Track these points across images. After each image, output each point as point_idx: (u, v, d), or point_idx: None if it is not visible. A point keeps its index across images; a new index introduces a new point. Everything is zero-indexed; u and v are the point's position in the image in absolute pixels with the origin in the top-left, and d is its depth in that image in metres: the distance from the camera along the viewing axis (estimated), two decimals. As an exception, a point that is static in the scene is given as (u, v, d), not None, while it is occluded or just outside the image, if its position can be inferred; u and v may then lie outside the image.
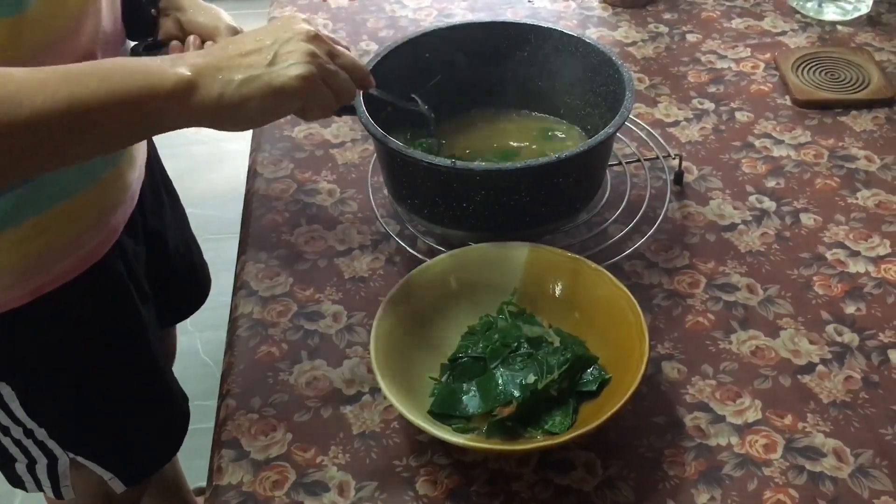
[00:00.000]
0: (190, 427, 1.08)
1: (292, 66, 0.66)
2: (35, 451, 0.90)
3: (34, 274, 0.79)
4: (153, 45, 0.88)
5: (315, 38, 0.69)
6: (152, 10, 0.89)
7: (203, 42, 0.86)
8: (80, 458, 0.91)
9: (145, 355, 0.93)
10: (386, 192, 0.97)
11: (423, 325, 0.78)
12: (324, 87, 0.69)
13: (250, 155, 1.06)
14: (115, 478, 0.95)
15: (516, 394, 0.71)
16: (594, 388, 0.73)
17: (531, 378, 0.72)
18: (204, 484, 1.48)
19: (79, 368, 0.87)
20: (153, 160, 1.02)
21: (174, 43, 0.87)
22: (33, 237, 0.77)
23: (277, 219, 0.96)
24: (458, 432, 0.70)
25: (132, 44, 0.88)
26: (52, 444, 0.89)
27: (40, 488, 0.93)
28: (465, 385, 0.74)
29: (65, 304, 0.82)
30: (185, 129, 0.66)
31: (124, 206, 0.87)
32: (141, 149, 0.91)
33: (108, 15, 0.79)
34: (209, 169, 2.39)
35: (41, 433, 0.88)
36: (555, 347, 0.75)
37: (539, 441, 0.69)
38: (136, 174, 0.89)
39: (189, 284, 1.14)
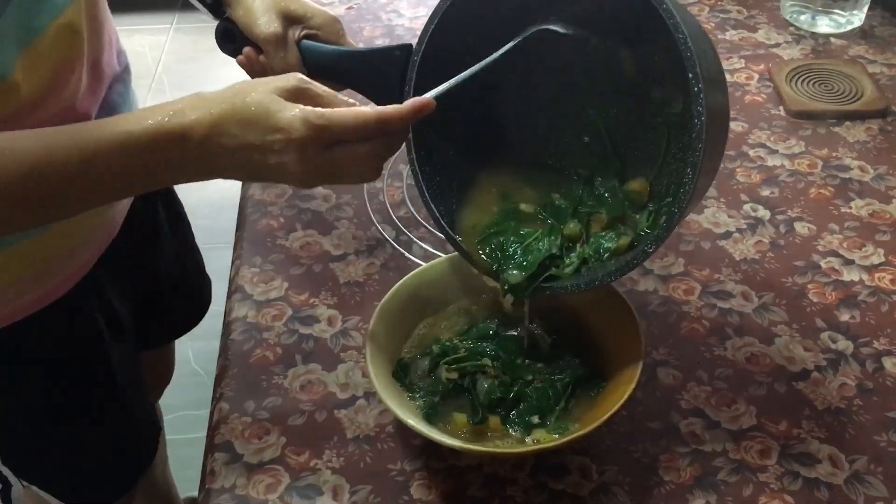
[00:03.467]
0: (180, 437, 1.08)
1: (289, 178, 0.62)
2: None
3: None
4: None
5: (307, 142, 0.60)
6: None
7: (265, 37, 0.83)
8: (33, 487, 0.90)
9: (106, 389, 0.91)
10: (381, 197, 0.98)
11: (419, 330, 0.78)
12: (336, 177, 0.64)
13: (246, 161, 1.06)
14: None
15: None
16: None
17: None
18: (194, 494, 1.48)
19: (34, 399, 0.85)
20: None
21: (247, 50, 0.85)
22: None
23: (273, 223, 0.96)
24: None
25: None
26: (5, 470, 0.88)
27: None
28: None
29: (23, 338, 0.81)
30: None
31: (99, 240, 0.85)
32: None
33: (93, 56, 0.78)
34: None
35: None
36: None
37: (534, 445, 0.69)
38: (120, 206, 0.88)
39: (186, 302, 1.12)
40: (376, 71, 0.81)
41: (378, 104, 0.83)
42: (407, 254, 0.90)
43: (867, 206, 0.96)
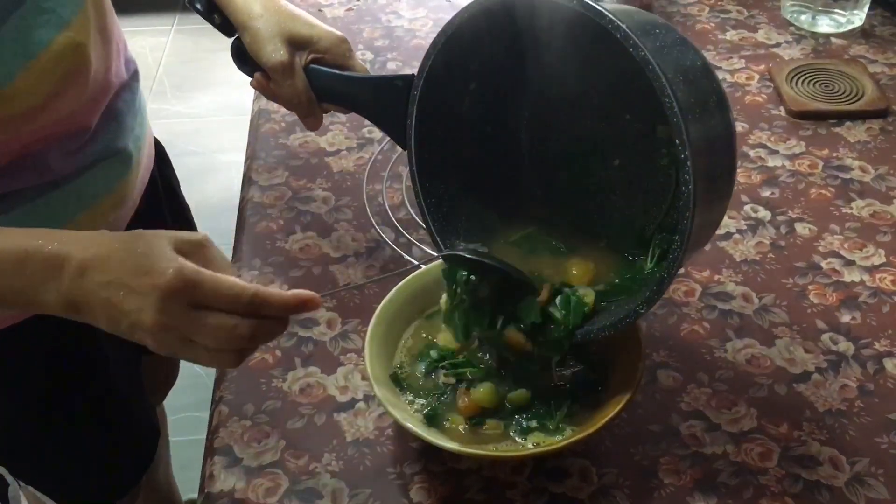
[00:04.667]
0: (182, 439, 1.08)
1: (143, 330, 0.58)
2: None
3: None
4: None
5: (171, 292, 0.56)
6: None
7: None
8: (30, 488, 0.90)
9: (103, 391, 0.91)
10: (381, 199, 0.97)
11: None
12: (191, 345, 0.59)
13: (245, 163, 1.06)
14: None
15: None
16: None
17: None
18: (195, 496, 1.48)
19: (32, 401, 0.85)
20: (157, 183, 1.01)
21: (257, 75, 0.85)
22: None
23: (272, 226, 0.95)
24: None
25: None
26: (2, 470, 0.88)
27: None
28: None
29: (22, 339, 0.81)
30: (177, 139, 0.66)
31: None
32: (134, 185, 0.89)
33: (100, 69, 0.78)
34: (202, 180, 2.39)
35: None
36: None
37: (533, 448, 0.69)
38: (123, 210, 0.87)
39: None
40: (380, 100, 0.81)
41: (386, 132, 0.84)
42: (406, 256, 0.90)
43: (868, 207, 0.95)
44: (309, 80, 0.84)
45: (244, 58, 0.86)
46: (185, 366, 1.27)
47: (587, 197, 0.80)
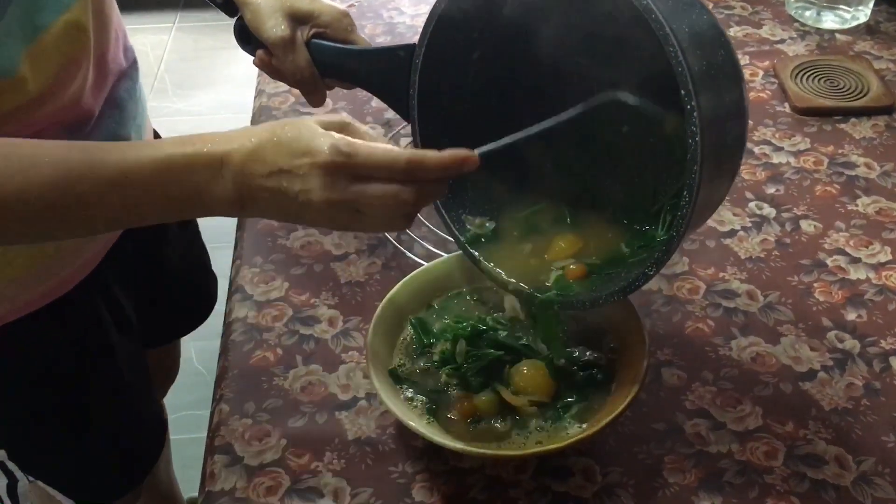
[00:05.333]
0: (184, 437, 1.07)
1: (314, 210, 0.60)
2: None
3: None
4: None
5: (332, 167, 0.59)
6: None
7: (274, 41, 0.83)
8: (39, 483, 0.90)
9: (111, 384, 0.91)
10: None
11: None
12: (360, 216, 0.61)
13: (246, 160, 1.05)
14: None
15: None
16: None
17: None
18: (195, 494, 1.48)
19: (40, 395, 0.85)
20: None
21: (259, 52, 0.85)
22: None
23: (273, 223, 0.95)
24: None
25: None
26: (11, 465, 0.88)
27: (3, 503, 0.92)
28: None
29: (28, 333, 0.81)
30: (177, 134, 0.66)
31: (105, 237, 0.85)
32: None
33: (99, 52, 0.78)
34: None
35: (1, 454, 0.87)
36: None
37: (537, 447, 0.68)
38: None
39: (193, 300, 1.11)
40: (382, 72, 0.80)
41: (390, 104, 0.83)
42: (408, 253, 0.89)
43: (874, 204, 0.95)
44: (311, 56, 0.83)
45: (247, 37, 0.85)
46: (184, 363, 1.27)
47: (596, 166, 0.78)
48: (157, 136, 1.01)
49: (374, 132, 0.64)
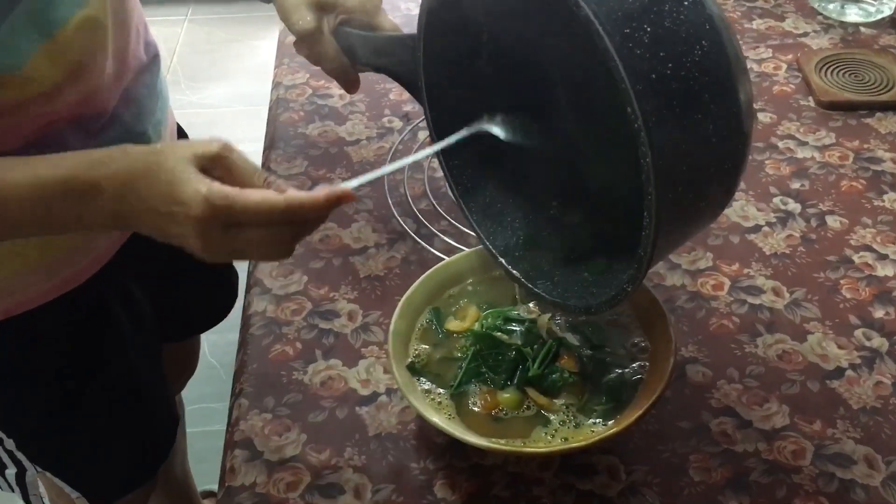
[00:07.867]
0: (198, 429, 1.07)
1: (193, 250, 0.60)
2: (5, 458, 0.88)
3: (6, 295, 0.77)
4: None
5: (205, 221, 0.57)
6: None
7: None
8: (47, 474, 0.89)
9: (123, 377, 0.90)
10: (402, 189, 0.96)
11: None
12: (240, 255, 0.62)
13: (263, 153, 1.05)
14: (83, 497, 0.92)
15: None
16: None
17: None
18: (211, 487, 1.47)
19: (50, 387, 0.85)
20: None
21: (296, 41, 0.84)
22: (4, 261, 0.75)
23: (291, 216, 0.94)
24: None
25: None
26: (20, 455, 0.87)
27: (13, 490, 0.92)
28: None
29: (38, 325, 0.80)
30: (192, 130, 0.65)
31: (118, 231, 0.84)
32: None
33: (117, 49, 0.77)
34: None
35: (10, 443, 0.86)
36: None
37: (561, 444, 0.67)
38: None
39: (213, 295, 1.10)
40: (397, 59, 0.78)
41: (411, 93, 0.81)
42: (429, 247, 0.88)
43: (901, 200, 0.93)
44: (339, 44, 0.82)
45: None
46: (201, 356, 1.26)
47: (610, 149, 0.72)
48: (181, 130, 1.01)
49: (250, 163, 0.61)
